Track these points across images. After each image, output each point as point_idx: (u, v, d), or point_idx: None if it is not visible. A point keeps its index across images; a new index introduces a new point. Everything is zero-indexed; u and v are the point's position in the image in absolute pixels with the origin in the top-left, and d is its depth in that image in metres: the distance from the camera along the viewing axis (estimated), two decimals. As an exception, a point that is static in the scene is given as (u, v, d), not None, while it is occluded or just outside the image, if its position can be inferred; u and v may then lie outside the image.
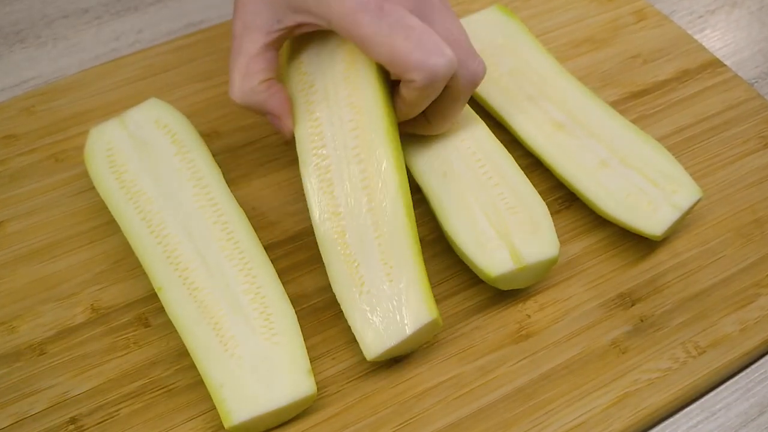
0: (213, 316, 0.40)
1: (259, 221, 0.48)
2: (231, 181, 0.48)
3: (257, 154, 0.52)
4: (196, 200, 0.44)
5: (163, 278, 0.42)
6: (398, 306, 0.40)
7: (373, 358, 0.40)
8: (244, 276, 0.42)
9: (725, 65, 0.57)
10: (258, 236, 0.44)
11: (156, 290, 0.42)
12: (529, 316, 0.44)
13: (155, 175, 0.45)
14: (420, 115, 0.44)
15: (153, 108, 0.47)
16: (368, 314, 0.40)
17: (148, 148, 0.46)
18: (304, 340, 0.41)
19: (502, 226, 0.43)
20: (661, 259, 0.47)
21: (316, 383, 0.40)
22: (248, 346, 0.40)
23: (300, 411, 0.40)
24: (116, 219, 0.44)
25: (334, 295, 0.41)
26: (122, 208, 0.44)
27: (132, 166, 0.45)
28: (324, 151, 0.43)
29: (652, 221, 0.45)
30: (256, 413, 0.38)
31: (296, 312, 0.42)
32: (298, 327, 0.41)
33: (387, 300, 0.40)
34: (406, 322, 0.40)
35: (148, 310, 0.44)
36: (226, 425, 0.38)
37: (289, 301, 0.41)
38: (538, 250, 0.42)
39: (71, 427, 0.40)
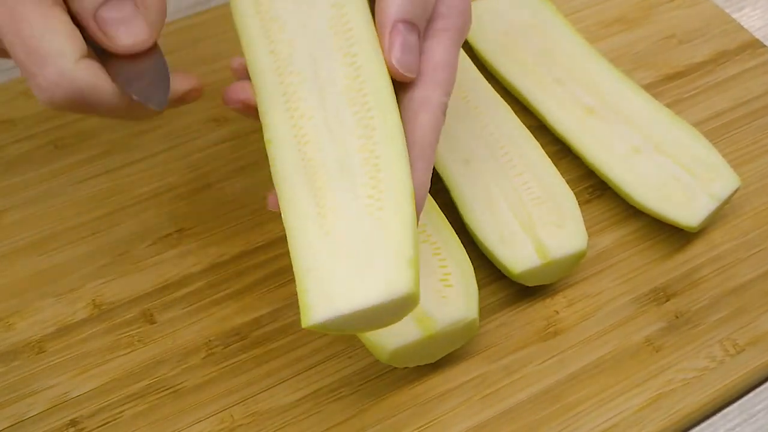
0: (317, 181, 0.34)
1: (270, 211, 0.47)
2: (240, 169, 0.48)
3: (268, 141, 0.51)
4: (330, 27, 0.36)
5: (276, 128, 0.35)
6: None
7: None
8: (362, 129, 0.34)
9: (765, 46, 0.57)
10: (269, 227, 0.42)
11: (265, 142, 0.35)
12: (557, 313, 0.44)
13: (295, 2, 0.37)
14: None
15: None
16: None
17: None
18: (315, 337, 0.39)
19: (527, 218, 0.43)
20: (697, 251, 0.46)
21: (329, 384, 0.39)
22: (347, 222, 0.32)
23: (401, 318, 0.33)
24: (244, 50, 0.37)
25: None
26: (253, 35, 0.36)
27: None
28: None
29: (687, 211, 0.44)
30: (341, 312, 0.31)
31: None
32: (412, 202, 0.33)
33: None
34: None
35: (154, 306, 0.44)
36: (303, 324, 0.31)
37: (408, 162, 0.34)
38: (565, 244, 0.42)
39: (72, 429, 0.39)
